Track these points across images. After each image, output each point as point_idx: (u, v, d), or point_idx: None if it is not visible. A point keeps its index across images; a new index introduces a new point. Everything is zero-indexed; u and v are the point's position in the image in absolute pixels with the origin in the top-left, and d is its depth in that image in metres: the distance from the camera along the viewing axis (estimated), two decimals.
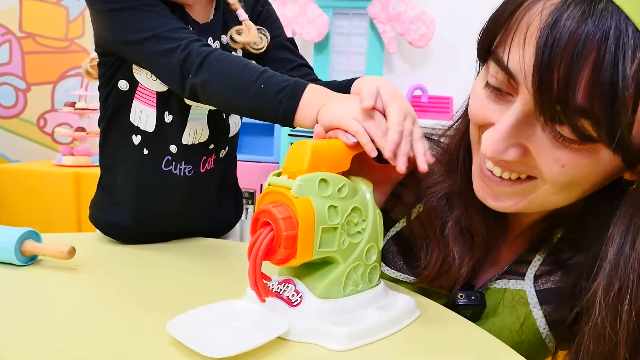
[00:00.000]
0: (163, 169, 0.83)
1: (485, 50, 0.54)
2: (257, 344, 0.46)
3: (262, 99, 0.66)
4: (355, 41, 2.41)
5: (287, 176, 0.53)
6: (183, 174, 0.85)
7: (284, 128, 2.06)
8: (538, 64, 0.45)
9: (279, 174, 0.55)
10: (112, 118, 0.83)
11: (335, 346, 0.49)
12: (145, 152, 0.83)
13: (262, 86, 0.66)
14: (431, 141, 0.72)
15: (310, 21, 2.28)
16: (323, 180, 0.52)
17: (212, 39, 0.83)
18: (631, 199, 0.51)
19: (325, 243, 0.52)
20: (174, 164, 0.84)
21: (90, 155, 2.34)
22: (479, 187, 0.59)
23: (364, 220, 0.56)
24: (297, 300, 0.53)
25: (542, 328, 0.64)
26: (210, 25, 0.83)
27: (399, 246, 0.71)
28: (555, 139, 0.48)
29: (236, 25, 0.85)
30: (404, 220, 0.71)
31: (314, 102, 0.64)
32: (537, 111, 0.47)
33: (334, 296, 0.54)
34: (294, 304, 0.53)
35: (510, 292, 0.66)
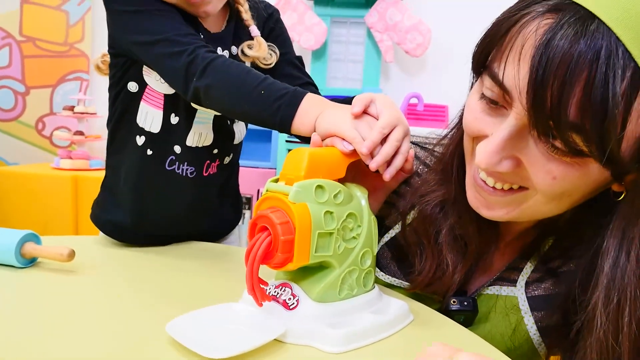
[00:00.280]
0: (167, 168, 0.84)
1: (480, 65, 0.55)
2: (254, 346, 0.47)
3: (261, 104, 0.67)
4: (352, 49, 2.42)
5: (285, 182, 0.54)
6: (185, 174, 0.85)
7: (281, 135, 2.07)
8: (532, 81, 0.46)
9: (277, 180, 0.56)
10: (119, 119, 0.84)
11: (330, 348, 0.50)
12: (149, 152, 0.83)
13: (262, 92, 0.67)
14: (425, 150, 0.73)
15: (309, 29, 2.30)
16: (319, 187, 0.53)
17: (222, 49, 0.84)
18: (623, 212, 0.52)
19: (322, 248, 0.53)
20: (177, 163, 0.85)
21: (89, 159, 2.34)
22: (472, 197, 0.60)
23: (359, 226, 0.57)
24: (294, 303, 0.54)
25: (533, 334, 0.65)
26: (221, 36, 0.85)
27: (393, 252, 0.72)
28: (547, 152, 0.50)
29: (248, 40, 0.87)
30: (397, 226, 0.71)
31: (312, 110, 0.65)
32: (531, 126, 0.48)
33: (329, 300, 0.54)
34: (291, 307, 0.53)
35: (502, 299, 0.66)
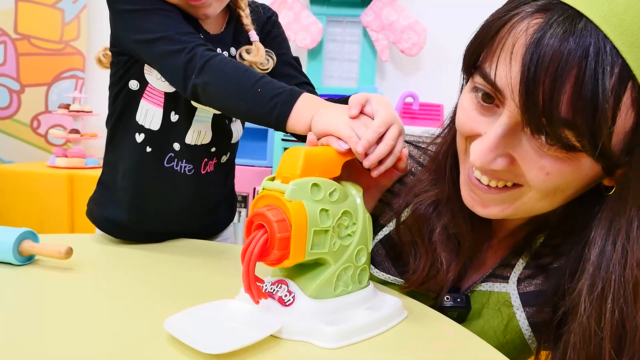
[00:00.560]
0: (165, 165, 0.85)
1: (471, 65, 0.56)
2: (251, 342, 0.47)
3: (257, 103, 0.68)
4: (348, 48, 2.43)
5: (281, 181, 0.55)
6: (183, 171, 0.86)
7: (277, 133, 2.07)
8: (524, 79, 0.47)
9: (273, 179, 0.56)
10: (119, 117, 0.85)
11: (325, 344, 0.50)
12: (149, 149, 0.84)
13: (259, 90, 0.68)
14: (419, 149, 0.74)
15: (304, 28, 2.30)
16: (315, 185, 0.54)
17: (221, 50, 0.85)
18: (611, 204, 0.53)
19: (317, 245, 0.53)
20: (175, 160, 0.85)
21: (84, 157, 2.33)
22: (467, 195, 0.61)
23: (354, 224, 0.58)
24: (290, 300, 0.54)
25: (525, 329, 0.65)
26: (220, 37, 0.86)
27: (387, 250, 0.72)
28: (540, 149, 0.51)
29: (246, 44, 0.88)
30: (392, 224, 0.72)
31: (307, 109, 0.65)
32: (524, 123, 0.49)
33: (325, 296, 0.55)
34: (287, 303, 0.54)
35: (495, 295, 0.67)
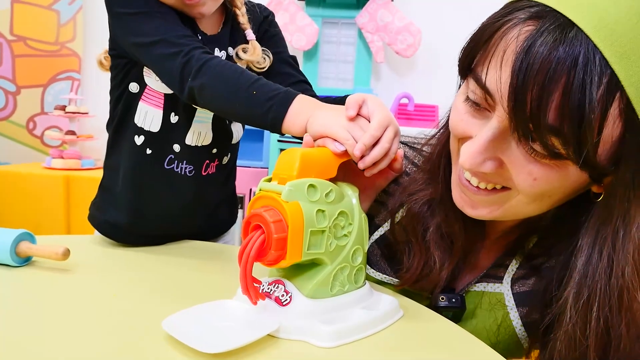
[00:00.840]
0: (165, 167, 0.85)
1: (465, 68, 0.56)
2: (248, 341, 0.48)
3: (253, 105, 0.68)
4: (343, 50, 2.43)
5: (278, 182, 0.55)
6: (184, 173, 0.86)
7: (273, 134, 2.08)
8: (513, 85, 0.47)
9: (270, 180, 0.57)
10: (120, 120, 0.85)
11: (322, 343, 0.51)
12: (149, 151, 0.84)
13: (254, 93, 0.68)
14: (414, 150, 0.75)
15: (300, 29, 2.31)
16: (311, 186, 0.54)
17: (219, 49, 0.85)
18: (598, 212, 0.54)
19: (314, 245, 0.54)
20: (176, 162, 0.85)
21: (80, 159, 2.33)
22: (458, 196, 0.61)
23: (350, 224, 0.58)
24: (287, 300, 0.55)
25: (518, 329, 0.66)
26: (218, 37, 0.86)
27: (383, 250, 0.73)
28: (528, 154, 0.51)
29: (243, 44, 0.88)
30: (387, 224, 0.72)
31: (303, 111, 0.66)
32: (512, 128, 0.50)
33: (321, 296, 0.55)
34: (284, 303, 0.54)
35: (489, 295, 0.68)
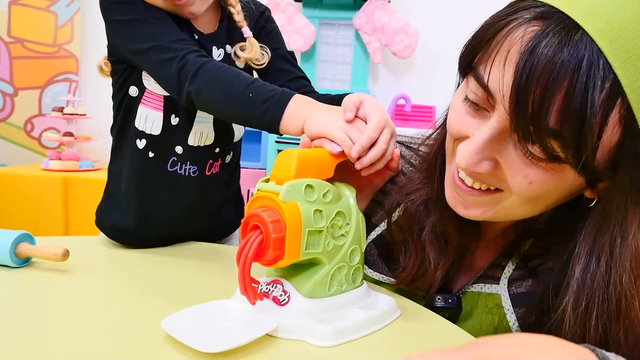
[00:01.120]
0: (169, 169, 0.85)
1: (466, 66, 0.56)
2: (247, 340, 0.48)
3: (250, 107, 0.69)
4: (341, 51, 2.44)
5: (275, 182, 0.55)
6: (188, 174, 0.86)
7: (270, 135, 2.08)
8: (516, 86, 0.47)
9: (267, 180, 0.57)
10: (122, 125, 0.86)
11: (320, 343, 0.51)
12: (151, 154, 0.84)
13: (250, 95, 0.69)
14: (411, 149, 0.75)
15: (297, 31, 2.31)
16: (309, 186, 0.55)
17: (217, 48, 0.85)
18: (595, 219, 0.53)
19: (311, 245, 0.54)
20: (179, 164, 0.86)
21: (78, 160, 2.33)
22: (451, 195, 0.61)
23: (347, 224, 0.59)
24: (285, 299, 0.55)
25: (515, 330, 0.65)
26: (215, 36, 0.86)
27: (380, 249, 0.73)
28: (525, 157, 0.51)
29: (241, 41, 0.88)
30: (384, 223, 0.73)
31: (299, 111, 0.66)
32: (512, 129, 0.50)
33: (319, 296, 0.56)
34: (282, 303, 0.55)
35: (485, 296, 0.67)
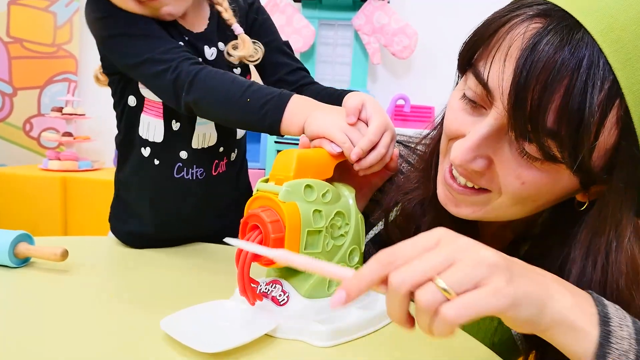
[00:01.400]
0: (175, 176, 0.85)
1: (465, 62, 0.56)
2: (246, 341, 0.48)
3: (249, 112, 0.69)
4: (340, 51, 2.44)
5: (275, 182, 0.56)
6: (195, 177, 0.86)
7: (270, 136, 2.09)
8: (515, 83, 0.47)
9: (267, 181, 0.57)
10: (126, 134, 0.85)
11: (319, 343, 0.51)
12: (156, 162, 0.84)
13: (248, 100, 0.69)
14: (408, 148, 0.75)
15: (297, 31, 2.31)
16: (308, 186, 0.55)
17: (208, 47, 0.84)
18: (590, 223, 0.53)
19: (311, 245, 0.54)
20: (185, 169, 0.85)
21: (77, 160, 2.33)
22: (442, 193, 0.61)
23: (346, 224, 0.59)
24: (284, 299, 0.55)
25: (514, 333, 0.66)
26: (205, 34, 0.85)
27: (377, 249, 0.73)
28: (520, 156, 0.51)
29: (232, 39, 0.87)
30: (381, 223, 0.73)
31: (299, 111, 0.67)
32: (509, 127, 0.49)
33: (318, 296, 0.56)
34: (281, 303, 0.55)
35: None
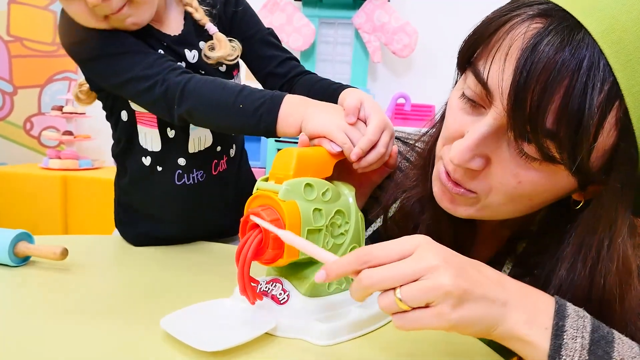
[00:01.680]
0: (177, 183, 0.85)
1: (465, 61, 0.56)
2: (246, 339, 0.48)
3: (243, 118, 0.68)
4: (340, 50, 2.44)
5: (274, 181, 0.56)
6: (196, 181, 0.86)
7: None
8: (515, 83, 0.47)
9: (267, 179, 0.57)
10: (125, 144, 0.85)
11: (319, 341, 0.51)
12: (159, 169, 0.84)
13: (241, 106, 0.68)
14: (407, 145, 0.75)
15: (297, 30, 2.31)
16: (308, 185, 0.55)
17: (189, 50, 0.82)
18: (585, 221, 0.53)
19: None
20: (185, 175, 0.85)
21: (77, 159, 2.33)
22: (437, 190, 0.61)
23: (346, 223, 0.59)
24: (284, 298, 0.55)
25: None
26: (183, 36, 0.82)
27: None
28: (519, 156, 0.51)
29: (208, 40, 0.84)
30: (380, 220, 0.73)
31: (294, 112, 0.66)
32: (508, 127, 0.49)
33: (318, 294, 0.56)
34: (281, 302, 0.55)
35: None
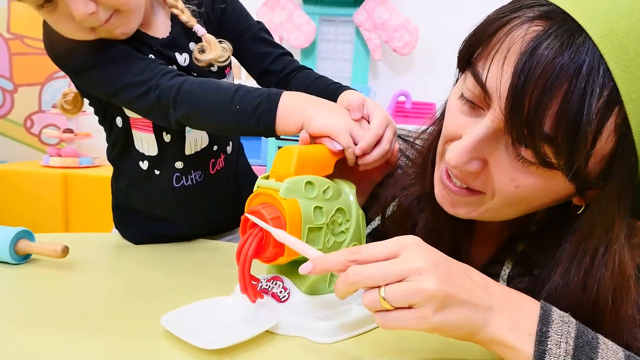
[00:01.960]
0: (175, 185, 0.85)
1: (465, 61, 0.55)
2: (247, 337, 0.48)
3: (241, 119, 0.67)
4: (341, 48, 2.43)
5: (275, 179, 0.55)
6: (195, 181, 0.86)
7: None
8: (513, 87, 0.46)
9: (267, 177, 0.57)
10: (121, 149, 0.85)
11: (320, 339, 0.51)
12: (157, 172, 0.84)
13: (237, 107, 0.67)
14: (407, 142, 0.75)
15: (298, 27, 2.31)
16: (309, 183, 0.55)
17: (179, 53, 0.81)
18: (582, 226, 0.53)
19: (311, 242, 0.54)
20: (184, 177, 0.85)
21: (78, 157, 2.33)
22: (439, 192, 0.61)
23: (347, 221, 0.59)
24: (285, 296, 0.55)
25: None
26: (173, 39, 0.81)
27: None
28: (516, 160, 0.50)
29: (198, 41, 0.82)
30: (379, 217, 0.73)
31: (293, 110, 0.66)
32: (506, 131, 0.49)
33: (319, 292, 0.56)
34: (282, 300, 0.55)
35: None
